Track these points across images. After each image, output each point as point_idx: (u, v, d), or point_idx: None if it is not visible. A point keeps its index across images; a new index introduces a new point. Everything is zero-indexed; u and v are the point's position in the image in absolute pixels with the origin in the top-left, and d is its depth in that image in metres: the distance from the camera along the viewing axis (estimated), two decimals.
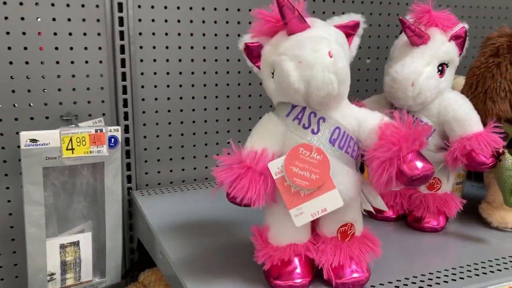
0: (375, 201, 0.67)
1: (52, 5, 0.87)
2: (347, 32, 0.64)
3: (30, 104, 0.90)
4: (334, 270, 0.65)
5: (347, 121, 0.63)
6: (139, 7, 0.94)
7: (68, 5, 0.89)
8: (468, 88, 0.85)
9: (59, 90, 0.91)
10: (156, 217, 0.88)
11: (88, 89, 0.93)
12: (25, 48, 0.87)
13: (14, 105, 0.88)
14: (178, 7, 0.97)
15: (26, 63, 0.88)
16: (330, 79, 0.57)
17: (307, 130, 0.61)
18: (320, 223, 0.67)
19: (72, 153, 0.79)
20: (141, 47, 0.96)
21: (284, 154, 0.61)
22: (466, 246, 0.81)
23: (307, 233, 0.66)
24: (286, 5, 0.58)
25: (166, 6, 0.96)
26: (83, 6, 0.90)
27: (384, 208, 0.69)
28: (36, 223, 0.81)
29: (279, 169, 0.60)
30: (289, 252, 0.64)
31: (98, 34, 0.92)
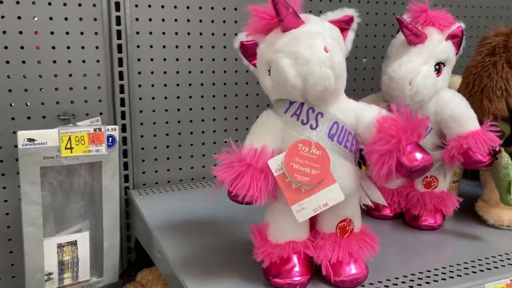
0: (374, 195, 0.67)
1: (49, 4, 0.87)
2: (341, 27, 0.64)
3: (27, 104, 0.89)
4: (333, 268, 0.65)
5: (345, 116, 0.63)
6: (136, 6, 0.94)
7: (65, 4, 0.88)
8: (465, 87, 0.85)
9: (56, 90, 0.91)
10: (154, 216, 0.88)
11: (85, 88, 0.93)
12: (22, 48, 0.87)
13: (11, 105, 0.88)
14: (175, 6, 0.97)
15: (23, 62, 0.88)
16: (327, 74, 0.57)
17: (306, 126, 0.62)
18: (319, 220, 0.67)
19: (71, 152, 0.79)
20: (138, 46, 0.96)
21: (284, 151, 0.61)
22: (463, 244, 0.81)
23: (306, 231, 0.66)
24: (281, 2, 0.58)
25: (163, 5, 0.96)
26: (80, 5, 0.89)
27: (383, 202, 0.69)
28: (34, 223, 0.81)
29: (279, 166, 0.60)
30: (288, 250, 0.64)
31: (95, 33, 0.92)
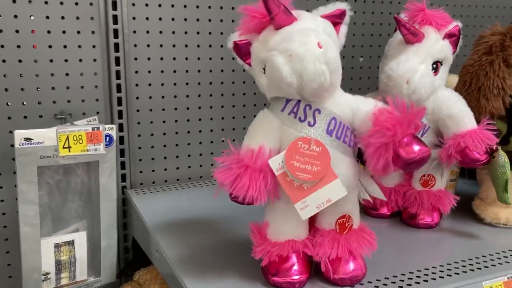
0: (373, 191, 0.68)
1: (46, 3, 0.87)
2: (334, 21, 0.64)
3: (24, 103, 0.89)
4: (332, 265, 0.65)
5: (341, 110, 0.63)
6: (133, 5, 0.94)
7: (62, 3, 0.88)
8: (462, 86, 0.86)
9: (53, 89, 0.91)
10: (152, 216, 0.88)
11: (82, 88, 0.93)
12: (19, 46, 0.86)
13: (7, 104, 0.88)
14: (172, 5, 0.97)
15: (20, 62, 0.87)
16: (322, 70, 0.57)
17: (304, 123, 0.62)
18: (319, 217, 0.67)
19: (69, 151, 0.78)
20: (135, 45, 0.95)
21: (282, 149, 0.61)
22: (460, 242, 0.82)
23: (306, 230, 0.67)
24: (271, 0, 0.58)
25: (160, 4, 0.96)
26: (77, 4, 0.89)
27: (382, 197, 0.69)
28: (31, 223, 0.80)
29: (280, 165, 0.60)
30: (287, 248, 0.64)
31: (92, 32, 0.91)
